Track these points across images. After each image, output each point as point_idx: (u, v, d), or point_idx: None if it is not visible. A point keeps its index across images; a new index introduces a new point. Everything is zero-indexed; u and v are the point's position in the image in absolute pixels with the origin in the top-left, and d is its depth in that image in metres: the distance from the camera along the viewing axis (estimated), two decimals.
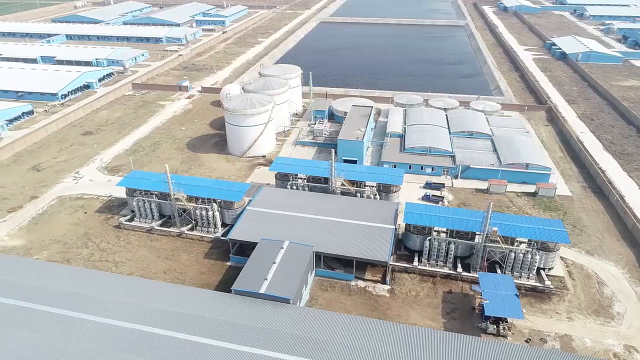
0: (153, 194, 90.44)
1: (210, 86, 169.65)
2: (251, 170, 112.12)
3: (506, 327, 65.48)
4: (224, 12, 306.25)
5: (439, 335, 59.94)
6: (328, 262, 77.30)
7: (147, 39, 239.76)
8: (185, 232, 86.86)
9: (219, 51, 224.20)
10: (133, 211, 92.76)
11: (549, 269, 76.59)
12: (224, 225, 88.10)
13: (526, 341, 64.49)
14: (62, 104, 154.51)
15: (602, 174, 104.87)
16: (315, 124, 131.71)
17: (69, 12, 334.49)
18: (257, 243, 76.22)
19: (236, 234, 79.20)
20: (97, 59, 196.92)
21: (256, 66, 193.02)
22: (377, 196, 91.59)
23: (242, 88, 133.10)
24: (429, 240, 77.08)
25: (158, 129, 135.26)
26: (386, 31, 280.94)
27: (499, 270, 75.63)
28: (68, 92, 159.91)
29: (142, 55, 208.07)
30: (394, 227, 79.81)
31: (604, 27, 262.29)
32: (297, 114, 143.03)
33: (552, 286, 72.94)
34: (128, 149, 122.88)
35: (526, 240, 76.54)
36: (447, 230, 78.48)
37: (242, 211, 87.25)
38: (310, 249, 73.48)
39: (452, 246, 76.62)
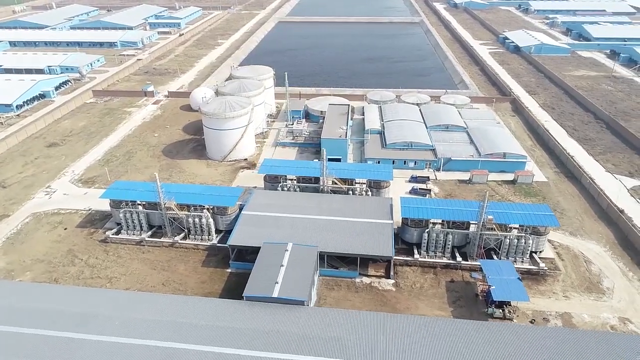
0: (140, 205, 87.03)
1: (177, 90, 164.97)
2: (235, 174, 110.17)
3: (511, 311, 68.28)
4: (178, 13, 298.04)
5: (452, 324, 61.68)
6: (331, 261, 77.48)
7: (101, 44, 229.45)
8: (179, 241, 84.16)
9: (179, 54, 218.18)
10: (118, 223, 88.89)
11: (540, 252, 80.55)
12: (217, 231, 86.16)
13: (531, 322, 67.51)
14: (17, 115, 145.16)
15: (571, 159, 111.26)
16: (293, 124, 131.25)
17: (8, 17, 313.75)
18: (259, 247, 75.21)
19: (236, 239, 77.70)
20: (49, 66, 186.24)
21: (221, 68, 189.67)
22: (369, 192, 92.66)
23: (217, 91, 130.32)
24: (427, 232, 78.96)
25: (129, 137, 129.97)
26: (346, 30, 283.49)
27: (495, 257, 78.67)
28: (23, 103, 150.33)
29: (98, 60, 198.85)
30: (392, 221, 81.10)
31: (548, 21, 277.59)
32: (271, 115, 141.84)
33: (545, 268, 76.76)
34: (100, 159, 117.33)
35: (517, 225, 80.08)
36: (442, 221, 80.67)
37: (236, 216, 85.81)
38: (315, 249, 73.31)
39: (450, 237, 78.91)
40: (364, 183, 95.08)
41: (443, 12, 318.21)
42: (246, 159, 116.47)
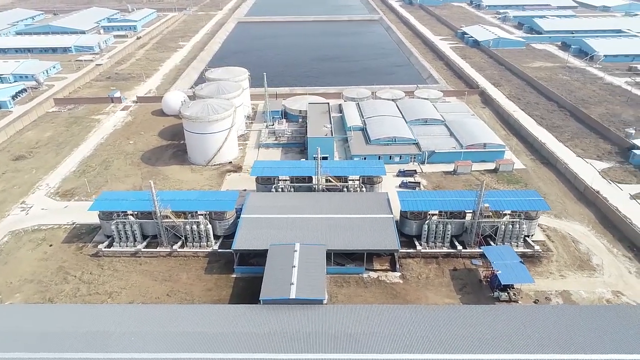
0: (132, 215, 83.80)
1: (146, 95, 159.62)
2: (221, 178, 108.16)
3: (515, 293, 71.36)
4: (133, 16, 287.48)
5: (465, 310, 63.73)
6: (336, 258, 77.83)
7: (54, 50, 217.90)
8: (178, 250, 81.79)
9: (141, 58, 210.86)
10: (108, 236, 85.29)
11: (531, 235, 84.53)
12: (215, 237, 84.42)
13: (535, 302, 70.88)
14: None
15: (544, 146, 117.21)
16: (273, 124, 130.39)
17: None
18: (265, 250, 74.59)
19: (241, 243, 76.51)
20: (0, 75, 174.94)
21: (189, 71, 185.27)
22: (364, 189, 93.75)
23: (194, 94, 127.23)
24: (427, 224, 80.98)
25: (102, 146, 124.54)
26: (307, 29, 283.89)
27: (492, 243, 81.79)
28: None
29: (54, 67, 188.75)
30: (393, 215, 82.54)
31: (500, 16, 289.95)
32: (248, 116, 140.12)
33: (540, 250, 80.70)
34: (75, 170, 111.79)
35: (509, 212, 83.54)
36: (439, 212, 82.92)
37: (234, 221, 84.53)
38: (323, 247, 73.52)
39: (449, 227, 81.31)
40: (357, 180, 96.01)
41: (399, 9, 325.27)
42: (231, 162, 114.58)
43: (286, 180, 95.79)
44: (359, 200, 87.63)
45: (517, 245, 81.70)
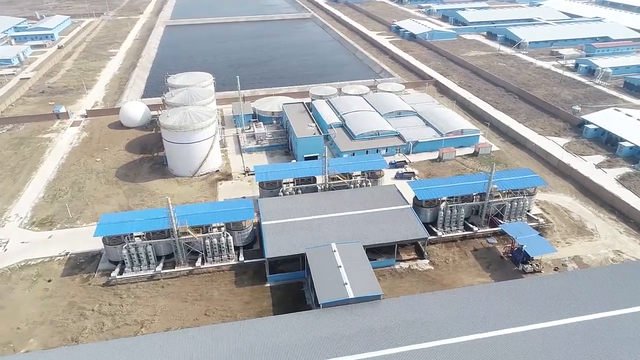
0: (139, 236, 77.67)
1: (95, 108, 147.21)
2: (213, 188, 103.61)
3: (537, 264, 77.26)
4: (45, 24, 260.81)
5: (513, 285, 66.71)
6: (367, 253, 78.44)
7: None
8: (200, 266, 77.37)
9: (72, 69, 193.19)
10: (114, 262, 78.43)
11: (530, 210, 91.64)
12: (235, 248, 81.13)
13: (555, 269, 77.27)
14: None
15: (511, 129, 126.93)
16: (249, 128, 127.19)
17: None
18: (298, 255, 73.49)
19: (272, 251, 74.30)
20: None
21: (134, 80, 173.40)
22: (369, 183, 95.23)
23: (163, 102, 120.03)
24: (443, 210, 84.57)
25: (65, 166, 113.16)
26: (241, 30, 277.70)
27: (500, 221, 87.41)
28: None
29: None
30: (410, 205, 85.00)
31: (424, 9, 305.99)
32: (219, 122, 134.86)
33: (543, 222, 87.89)
34: (45, 196, 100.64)
35: (508, 190, 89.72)
36: (448, 198, 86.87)
37: (252, 230, 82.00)
38: (359, 244, 73.84)
39: (463, 210, 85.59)
40: (358, 175, 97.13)
41: (327, 7, 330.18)
42: (217, 171, 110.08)
43: (290, 182, 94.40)
44: (371, 195, 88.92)
45: (521, 221, 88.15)
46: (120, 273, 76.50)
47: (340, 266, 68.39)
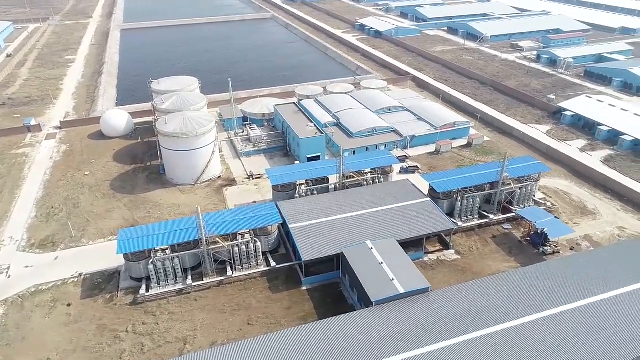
0: (161, 250, 74.21)
1: (68, 120, 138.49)
2: (219, 194, 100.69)
3: (556, 245, 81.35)
4: None
5: (530, 271, 69.95)
6: None
7: None
8: (232, 276, 75.06)
9: (29, 78, 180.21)
10: (134, 279, 74.62)
11: (534, 195, 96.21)
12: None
13: (571, 249, 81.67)
14: None
15: (496, 119, 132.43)
16: (243, 131, 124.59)
17: None
18: (334, 255, 73.28)
19: (308, 254, 73.31)
20: None
21: (106, 87, 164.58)
22: (382, 179, 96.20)
23: (154, 108, 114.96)
24: (460, 200, 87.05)
25: (51, 182, 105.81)
26: (203, 32, 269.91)
27: (511, 208, 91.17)
28: None
29: None
30: (429, 198, 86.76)
31: (382, 7, 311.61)
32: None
33: (550, 205, 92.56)
34: (37, 215, 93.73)
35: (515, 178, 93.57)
36: (461, 189, 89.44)
37: (277, 234, 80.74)
38: (393, 240, 74.58)
39: (477, 200, 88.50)
40: (368, 172, 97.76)
41: (285, 6, 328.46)
42: (220, 177, 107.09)
43: (302, 184, 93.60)
44: (388, 191, 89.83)
45: (529, 206, 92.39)
46: (147, 290, 72.79)
47: (382, 263, 68.87)
